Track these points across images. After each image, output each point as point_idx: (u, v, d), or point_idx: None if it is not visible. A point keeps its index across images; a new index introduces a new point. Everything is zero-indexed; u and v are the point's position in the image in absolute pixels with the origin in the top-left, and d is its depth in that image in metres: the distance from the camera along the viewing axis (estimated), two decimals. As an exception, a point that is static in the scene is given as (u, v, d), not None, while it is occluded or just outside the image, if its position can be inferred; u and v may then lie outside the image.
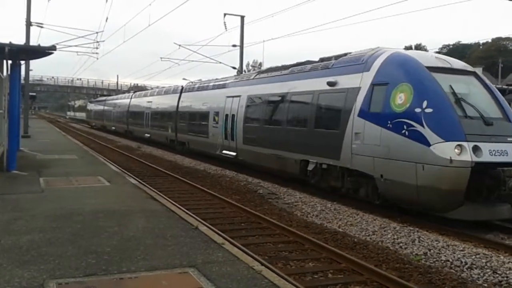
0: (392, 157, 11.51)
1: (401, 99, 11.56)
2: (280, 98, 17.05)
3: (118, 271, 5.87)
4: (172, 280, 5.69)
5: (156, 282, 5.61)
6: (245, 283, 5.59)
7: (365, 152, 12.34)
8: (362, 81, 12.91)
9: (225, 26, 32.55)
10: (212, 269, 6.03)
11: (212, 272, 5.91)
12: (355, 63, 13.72)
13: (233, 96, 20.49)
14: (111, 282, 5.52)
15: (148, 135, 34.57)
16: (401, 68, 12.13)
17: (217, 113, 21.85)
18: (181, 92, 28.59)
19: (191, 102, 26.48)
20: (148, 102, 35.48)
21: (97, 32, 31.41)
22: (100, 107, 58.68)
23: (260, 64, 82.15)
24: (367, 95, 12.58)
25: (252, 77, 20.52)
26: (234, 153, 19.84)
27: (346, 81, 13.63)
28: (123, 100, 46.18)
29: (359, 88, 12.91)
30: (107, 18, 42.90)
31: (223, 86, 22.58)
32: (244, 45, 34.43)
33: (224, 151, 20.77)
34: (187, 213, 10.05)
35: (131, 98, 42.75)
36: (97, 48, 33.83)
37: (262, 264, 6.78)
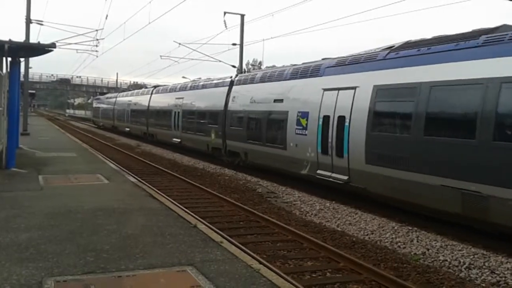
0: None
1: None
2: (478, 88, 9.50)
3: (117, 269, 5.87)
4: (170, 278, 5.69)
5: (154, 280, 5.61)
6: (243, 281, 5.60)
7: None
8: None
9: (225, 25, 32.45)
10: (211, 268, 6.03)
11: (210, 271, 5.91)
12: None
13: (338, 89, 13.55)
14: (110, 280, 5.53)
15: (178, 140, 27.45)
16: None
17: (303, 114, 14.93)
18: (230, 86, 21.59)
19: (249, 98, 19.15)
20: (178, 99, 28.26)
21: (96, 30, 31.47)
22: (110, 105, 50.89)
23: (260, 63, 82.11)
24: None
25: (384, 56, 12.47)
26: (344, 177, 12.89)
27: None
28: (141, 97, 38.68)
29: None
30: (107, 16, 43.09)
31: (315, 74, 15.26)
32: (244, 44, 34.33)
33: (320, 171, 13.93)
34: (185, 211, 10.06)
35: (151, 94, 35.54)
36: (96, 46, 33.84)
37: (261, 263, 6.79)
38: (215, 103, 22.61)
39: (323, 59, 15.78)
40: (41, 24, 32.10)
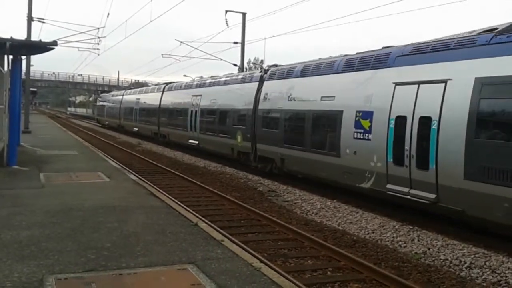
0: None
1: None
2: None
3: (118, 267, 5.88)
4: (171, 276, 5.70)
5: (155, 278, 5.61)
6: (244, 280, 5.60)
7: None
8: None
9: (227, 23, 32.45)
10: (211, 266, 6.03)
11: (211, 269, 5.92)
12: None
13: (417, 83, 10.77)
14: (111, 278, 5.53)
15: (195, 142, 24.61)
16: None
17: (365, 114, 12.13)
18: (261, 81, 18.75)
19: (286, 95, 16.28)
20: (195, 96, 25.36)
21: (98, 28, 31.43)
22: (116, 103, 47.91)
23: (262, 62, 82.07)
24: None
25: (488, 40, 9.73)
26: (431, 195, 10.19)
27: None
28: (151, 95, 35.75)
29: None
30: (108, 14, 43.11)
31: (381, 64, 12.29)
32: (246, 42, 34.37)
33: (392, 186, 11.21)
34: (186, 209, 10.07)
35: (163, 91, 32.81)
36: (98, 44, 33.78)
37: (261, 261, 6.80)
38: (242, 101, 19.83)
39: (384, 47, 13.07)
40: (43, 22, 32.17)
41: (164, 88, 33.11)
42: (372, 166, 11.80)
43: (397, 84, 11.34)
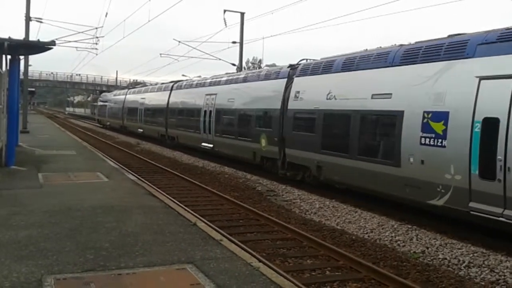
0: None
1: None
2: None
3: (116, 267, 5.87)
4: (170, 276, 5.70)
5: (154, 278, 5.61)
6: (243, 279, 5.60)
7: None
8: None
9: (225, 23, 32.46)
10: (210, 266, 6.03)
11: (210, 269, 5.92)
12: None
13: None
14: (109, 278, 5.53)
15: (210, 145, 22.46)
16: None
17: (437, 115, 10.15)
18: (290, 77, 16.66)
19: (324, 92, 14.07)
20: (209, 95, 23.17)
21: (96, 28, 31.42)
22: (118, 103, 45.31)
23: (260, 61, 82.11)
24: None
25: None
26: None
27: None
28: (158, 94, 33.46)
29: None
30: (106, 14, 42.98)
31: (456, 55, 10.33)
32: (244, 42, 34.39)
33: (477, 205, 9.23)
34: (185, 209, 10.07)
35: (171, 90, 30.44)
36: (96, 43, 33.79)
37: (260, 261, 6.80)
38: (267, 100, 17.68)
39: (450, 35, 11.23)
40: (41, 22, 32.14)
41: (172, 86, 30.72)
42: (448, 179, 9.73)
43: (482, 78, 9.35)
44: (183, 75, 43.64)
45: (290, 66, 17.17)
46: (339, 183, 13.91)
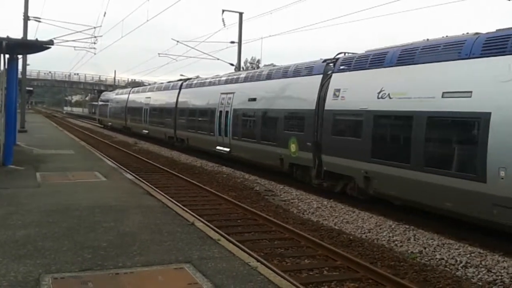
0: None
1: None
2: None
3: (114, 266, 5.87)
4: (167, 275, 5.70)
5: (151, 277, 5.61)
6: (240, 279, 5.61)
7: None
8: None
9: (224, 23, 32.40)
10: (208, 265, 6.04)
11: (207, 268, 5.92)
12: None
13: None
14: (107, 277, 5.53)
15: (226, 149, 20.60)
16: None
17: None
18: (326, 73, 14.69)
19: (373, 90, 12.22)
20: (225, 94, 21.24)
21: (95, 27, 31.33)
22: (121, 103, 43.16)
23: (258, 61, 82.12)
24: None
25: None
26: None
27: None
28: (165, 93, 31.18)
29: None
30: (105, 13, 42.91)
31: None
32: (242, 42, 34.29)
33: None
34: (183, 209, 10.07)
35: (180, 88, 28.56)
36: (94, 43, 33.66)
37: (258, 261, 6.80)
38: (297, 99, 15.74)
39: None
40: (39, 21, 32.05)
41: (181, 85, 28.78)
42: None
43: None
44: (181, 75, 43.52)
45: (325, 60, 15.05)
46: (396, 199, 11.77)
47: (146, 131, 33.85)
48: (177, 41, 35.32)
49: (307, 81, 15.41)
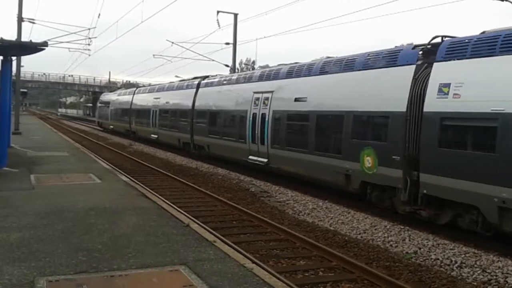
0: None
1: None
2: None
3: (109, 269, 5.85)
4: (163, 277, 5.69)
5: (147, 279, 5.60)
6: (236, 280, 5.60)
7: None
8: None
9: (218, 24, 32.37)
10: (203, 267, 6.03)
11: (203, 270, 5.91)
12: None
13: None
14: (102, 280, 5.51)
15: (263, 160, 17.06)
16: None
17: None
18: (418, 66, 11.10)
19: None
20: (260, 93, 17.79)
21: (89, 29, 31.40)
22: (124, 104, 39.43)
23: (253, 62, 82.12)
24: None
25: None
26: None
27: None
28: (178, 93, 28.03)
29: None
30: (99, 14, 42.92)
31: None
32: (237, 43, 34.30)
33: None
34: (178, 210, 10.05)
35: (197, 88, 24.90)
36: (89, 44, 33.69)
37: (253, 262, 6.81)
38: (373, 98, 12.04)
39: None
40: (33, 23, 31.97)
41: (199, 83, 25.11)
42: None
43: None
44: (176, 76, 43.40)
45: (417, 46, 11.56)
46: None
47: (155, 136, 30.20)
48: (172, 42, 35.29)
49: (389, 75, 11.77)
